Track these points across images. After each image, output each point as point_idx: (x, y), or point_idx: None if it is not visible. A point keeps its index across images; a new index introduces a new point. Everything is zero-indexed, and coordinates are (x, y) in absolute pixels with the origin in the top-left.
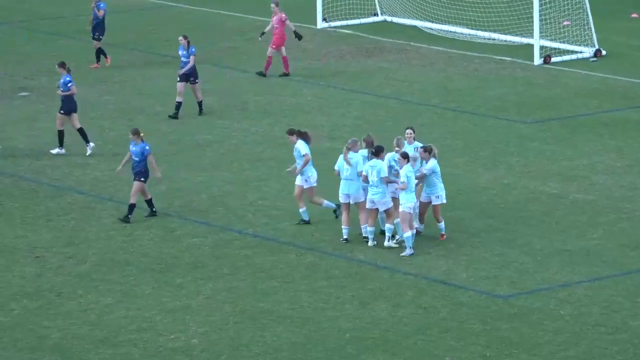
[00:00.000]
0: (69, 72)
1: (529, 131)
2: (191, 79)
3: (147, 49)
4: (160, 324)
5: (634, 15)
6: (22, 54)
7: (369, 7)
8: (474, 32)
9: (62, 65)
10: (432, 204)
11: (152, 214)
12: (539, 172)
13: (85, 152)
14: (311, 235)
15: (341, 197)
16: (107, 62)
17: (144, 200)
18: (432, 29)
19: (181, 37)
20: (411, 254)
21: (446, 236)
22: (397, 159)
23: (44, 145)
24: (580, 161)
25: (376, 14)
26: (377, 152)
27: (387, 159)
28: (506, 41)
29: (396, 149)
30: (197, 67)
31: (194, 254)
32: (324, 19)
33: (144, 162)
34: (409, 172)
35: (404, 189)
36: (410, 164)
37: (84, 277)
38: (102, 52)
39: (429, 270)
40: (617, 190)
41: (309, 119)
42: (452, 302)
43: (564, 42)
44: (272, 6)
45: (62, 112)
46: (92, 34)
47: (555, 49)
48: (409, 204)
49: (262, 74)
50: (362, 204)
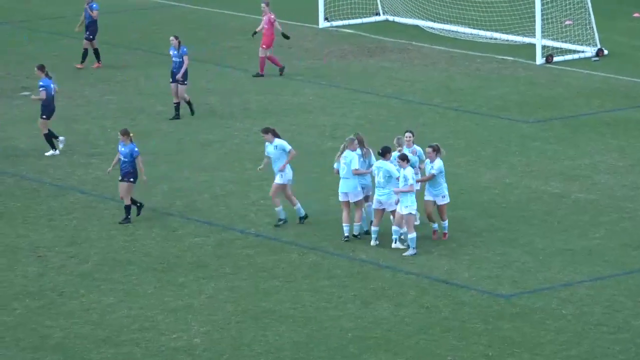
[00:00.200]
0: (47, 76)
1: (530, 131)
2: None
3: (150, 49)
4: (162, 324)
5: (636, 14)
6: (23, 54)
7: (370, 7)
8: (476, 31)
9: (41, 68)
10: (438, 204)
11: (127, 220)
12: (540, 172)
13: (49, 152)
14: (313, 234)
15: (340, 196)
16: (78, 66)
17: (124, 204)
18: (434, 29)
19: (172, 37)
20: (414, 254)
21: (448, 235)
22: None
23: (45, 145)
24: (582, 161)
25: (378, 14)
26: (384, 153)
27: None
28: (508, 41)
29: (398, 148)
30: (199, 66)
31: (196, 253)
32: (326, 19)
33: (133, 163)
34: (412, 174)
35: (410, 191)
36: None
37: (86, 277)
38: (90, 52)
39: (431, 269)
40: (619, 189)
41: (310, 118)
42: (454, 302)
43: (566, 42)
44: (263, 6)
45: (44, 117)
46: (85, 35)
47: (557, 48)
48: (413, 205)
49: (259, 75)
50: (359, 203)
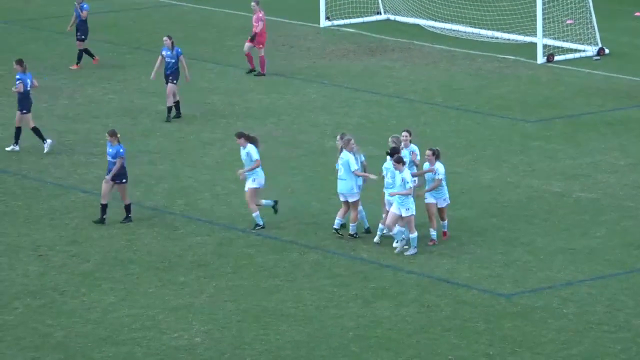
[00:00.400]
0: (24, 71)
1: (532, 130)
2: (170, 77)
3: (152, 48)
4: (163, 323)
5: (637, 13)
6: (25, 53)
7: (372, 6)
8: (477, 30)
9: (19, 62)
10: (439, 206)
11: (102, 220)
12: (542, 171)
13: (10, 147)
14: (314, 233)
15: (339, 196)
16: (74, 66)
17: (100, 202)
18: (435, 28)
19: (166, 38)
20: (415, 253)
21: (450, 234)
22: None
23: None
24: (583, 160)
25: (379, 13)
26: (393, 154)
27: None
28: (509, 40)
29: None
30: (201, 66)
31: (197, 252)
32: (328, 18)
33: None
34: (409, 176)
35: (409, 194)
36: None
37: (87, 276)
38: (84, 53)
39: (432, 269)
40: (620, 188)
41: (312, 117)
42: (455, 301)
43: (567, 41)
44: (253, 4)
45: (24, 111)
46: (75, 35)
47: (558, 47)
48: (412, 206)
49: (261, 74)
50: (356, 203)
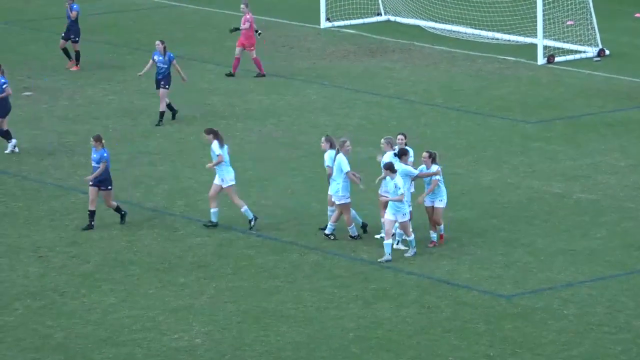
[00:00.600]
0: (2, 74)
1: (532, 131)
2: (162, 82)
3: (152, 49)
4: (163, 324)
5: (638, 15)
6: (25, 54)
7: (372, 7)
8: (477, 31)
9: None
10: (435, 206)
11: (90, 227)
12: (542, 172)
13: (8, 149)
14: (314, 234)
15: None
16: (70, 66)
17: (88, 209)
18: (435, 29)
19: (158, 42)
20: (414, 254)
21: (450, 236)
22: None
23: (47, 145)
24: (583, 161)
25: (380, 14)
26: (400, 155)
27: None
28: (510, 41)
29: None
30: (200, 67)
31: (197, 253)
32: (328, 19)
33: (106, 170)
34: (401, 182)
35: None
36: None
37: (87, 277)
38: (68, 54)
39: (432, 270)
40: (620, 189)
41: (312, 119)
42: (456, 302)
43: (567, 42)
44: (242, 7)
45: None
46: (67, 36)
47: (558, 48)
48: (407, 211)
49: (261, 75)
50: (341, 207)
